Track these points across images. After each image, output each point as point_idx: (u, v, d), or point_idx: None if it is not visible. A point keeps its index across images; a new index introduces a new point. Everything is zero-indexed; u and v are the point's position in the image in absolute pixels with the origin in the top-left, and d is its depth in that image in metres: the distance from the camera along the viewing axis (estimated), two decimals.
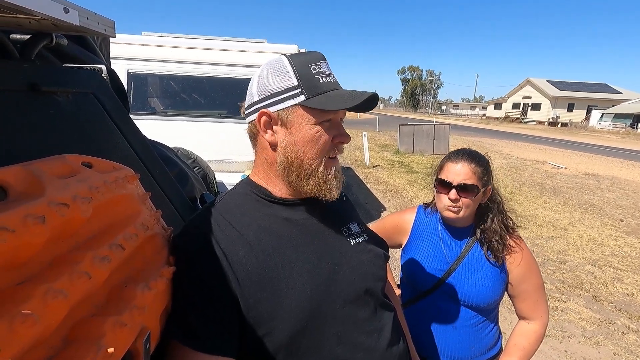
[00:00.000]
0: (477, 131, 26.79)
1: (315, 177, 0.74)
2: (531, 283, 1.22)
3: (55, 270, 0.41)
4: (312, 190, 0.75)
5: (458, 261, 1.23)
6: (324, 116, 0.73)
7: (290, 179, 0.76)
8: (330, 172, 0.75)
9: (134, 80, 3.82)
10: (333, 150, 0.76)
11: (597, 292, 3.68)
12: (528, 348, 1.22)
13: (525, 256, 1.22)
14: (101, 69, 0.92)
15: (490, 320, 1.27)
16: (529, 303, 1.24)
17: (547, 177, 9.60)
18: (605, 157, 14.28)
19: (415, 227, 1.37)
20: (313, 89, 0.72)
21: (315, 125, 0.73)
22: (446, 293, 1.23)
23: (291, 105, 0.72)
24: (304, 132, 0.73)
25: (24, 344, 0.34)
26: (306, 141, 0.73)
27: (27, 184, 0.42)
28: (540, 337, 1.23)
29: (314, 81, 0.72)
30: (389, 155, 12.18)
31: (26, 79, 0.64)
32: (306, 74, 0.72)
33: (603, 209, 6.76)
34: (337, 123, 0.76)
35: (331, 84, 0.74)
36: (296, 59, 0.74)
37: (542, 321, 1.24)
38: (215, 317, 0.65)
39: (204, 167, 2.32)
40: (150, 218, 0.66)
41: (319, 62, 0.74)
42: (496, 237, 1.21)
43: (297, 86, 0.72)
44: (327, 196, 0.76)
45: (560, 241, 5.01)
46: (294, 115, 0.73)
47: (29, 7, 0.54)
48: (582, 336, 2.97)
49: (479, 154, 1.24)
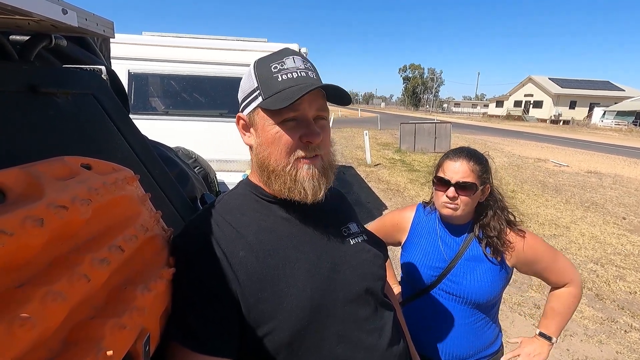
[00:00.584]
0: (478, 129, 26.71)
1: (283, 177, 0.72)
2: (544, 260, 1.24)
3: (54, 273, 0.41)
4: (280, 190, 0.74)
5: (456, 259, 1.24)
6: (283, 115, 0.70)
7: (264, 179, 0.76)
8: (300, 171, 0.72)
9: (134, 80, 3.82)
10: (303, 150, 0.72)
11: (599, 290, 3.67)
12: (566, 311, 1.27)
13: (528, 240, 1.23)
14: (101, 70, 0.92)
15: (489, 318, 1.28)
16: (554, 275, 1.26)
17: (549, 175, 9.57)
18: (607, 155, 14.22)
19: (414, 225, 1.38)
20: (268, 89, 0.72)
21: (274, 125, 0.71)
22: (444, 290, 1.24)
23: (254, 108, 0.74)
24: (266, 133, 0.72)
25: (22, 346, 0.34)
26: (269, 142, 0.72)
27: (25, 186, 0.42)
28: (577, 296, 1.26)
29: (271, 81, 0.72)
30: (390, 153, 12.17)
31: (25, 80, 0.64)
32: (264, 74, 0.73)
33: (605, 207, 6.73)
34: (306, 121, 0.72)
35: (291, 81, 0.71)
36: (261, 60, 0.75)
37: (574, 282, 1.26)
38: (215, 317, 0.65)
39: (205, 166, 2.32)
40: (150, 219, 0.66)
41: (282, 59, 0.73)
42: (495, 234, 1.22)
43: (256, 88, 0.73)
44: (301, 197, 0.72)
45: (562, 239, 4.99)
46: (257, 117, 0.74)
47: (28, 9, 0.54)
48: (584, 335, 2.97)
49: (477, 153, 1.25)
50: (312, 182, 0.72)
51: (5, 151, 0.56)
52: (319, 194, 0.73)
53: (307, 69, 0.74)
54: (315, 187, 0.72)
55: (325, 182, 0.75)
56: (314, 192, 0.72)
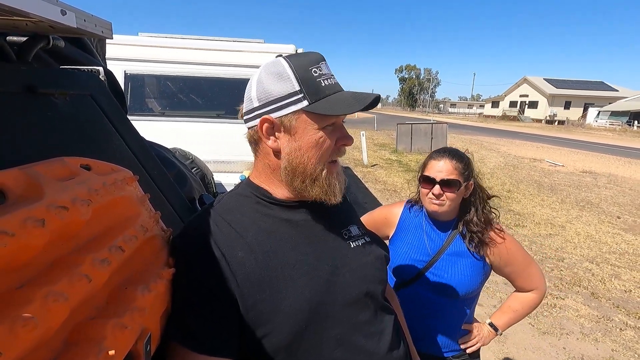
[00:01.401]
0: (474, 129, 26.85)
1: (320, 182, 0.74)
2: (516, 264, 1.32)
3: (55, 273, 0.41)
4: (317, 195, 0.75)
5: (439, 253, 1.31)
6: (327, 120, 0.72)
7: (294, 185, 0.75)
8: (332, 176, 0.75)
9: (131, 81, 3.80)
10: (335, 154, 0.76)
11: (595, 289, 3.70)
12: (520, 311, 1.37)
13: (507, 242, 1.29)
14: (98, 71, 0.92)
15: (468, 310, 1.35)
16: (521, 280, 1.35)
17: (545, 175, 9.64)
18: (602, 155, 14.35)
19: (402, 220, 1.44)
20: (316, 94, 0.70)
21: (319, 130, 0.71)
22: (426, 283, 1.30)
23: (294, 111, 0.71)
24: (308, 138, 0.71)
25: (24, 347, 0.34)
26: (310, 146, 0.72)
27: (25, 187, 0.42)
28: (536, 303, 1.36)
29: (316, 85, 0.70)
30: (387, 154, 12.20)
31: (23, 81, 0.64)
32: (308, 77, 0.70)
33: (600, 206, 6.79)
34: (340, 126, 0.76)
35: (333, 87, 0.73)
36: (296, 61, 0.71)
37: (539, 291, 1.35)
38: (214, 317, 0.65)
39: (202, 167, 2.31)
40: (149, 220, 0.66)
41: (319, 64, 0.72)
42: (478, 229, 1.28)
43: (299, 91, 0.70)
44: (332, 200, 0.76)
45: (558, 239, 5.03)
46: (298, 121, 0.71)
47: (26, 10, 0.54)
48: (580, 333, 2.99)
49: (459, 152, 1.32)
50: (340, 185, 0.77)
51: (4, 152, 0.56)
52: (341, 195, 0.78)
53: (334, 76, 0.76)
54: (342, 190, 0.78)
55: (345, 182, 0.80)
56: (341, 194, 0.78)
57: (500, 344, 2.81)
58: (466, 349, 1.35)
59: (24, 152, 0.59)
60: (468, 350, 1.35)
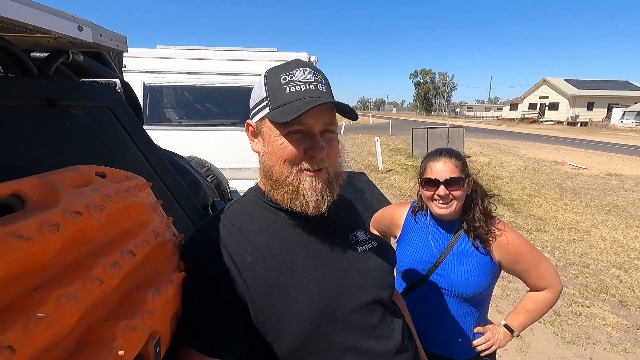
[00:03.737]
0: (492, 133, 26.31)
1: (285, 187, 0.73)
2: (525, 261, 1.28)
3: (69, 276, 0.43)
4: (282, 200, 0.74)
5: (445, 253, 1.30)
6: (289, 127, 0.70)
7: (268, 187, 0.78)
8: (303, 184, 0.72)
9: (149, 92, 3.93)
10: (307, 162, 0.72)
11: (623, 296, 3.53)
12: (535, 311, 1.32)
13: (512, 240, 1.26)
14: (115, 83, 0.96)
15: (479, 312, 1.32)
16: (533, 278, 1.30)
17: (567, 178, 9.32)
18: (628, 156, 13.77)
19: (407, 222, 1.45)
20: (276, 101, 0.72)
21: (280, 136, 0.72)
22: (434, 284, 1.29)
23: (262, 117, 0.75)
24: (272, 144, 0.73)
25: (38, 346, 0.36)
26: (273, 152, 0.73)
27: (43, 194, 0.45)
28: (551, 302, 1.31)
29: (279, 92, 0.72)
30: (402, 159, 12.09)
31: (44, 94, 0.68)
32: (273, 85, 0.73)
33: (627, 210, 6.50)
34: (312, 135, 0.72)
35: (299, 93, 0.71)
36: (272, 70, 0.76)
37: (553, 289, 1.29)
38: (224, 321, 0.66)
39: (217, 175, 2.36)
40: (161, 225, 0.68)
41: (292, 70, 0.73)
42: (480, 224, 1.27)
43: (265, 98, 0.74)
44: (303, 208, 0.73)
45: (582, 244, 4.84)
46: (264, 126, 0.75)
47: (47, 27, 0.58)
48: (608, 343, 2.85)
49: (454, 150, 1.33)
50: (315, 194, 0.72)
51: (26, 161, 0.59)
52: (322, 206, 0.73)
53: (317, 81, 0.74)
54: (317, 200, 0.72)
55: (329, 194, 0.75)
56: (316, 204, 0.72)
57: (522, 353, 2.72)
58: (481, 352, 1.31)
59: (44, 161, 0.62)
60: (483, 353, 1.31)
